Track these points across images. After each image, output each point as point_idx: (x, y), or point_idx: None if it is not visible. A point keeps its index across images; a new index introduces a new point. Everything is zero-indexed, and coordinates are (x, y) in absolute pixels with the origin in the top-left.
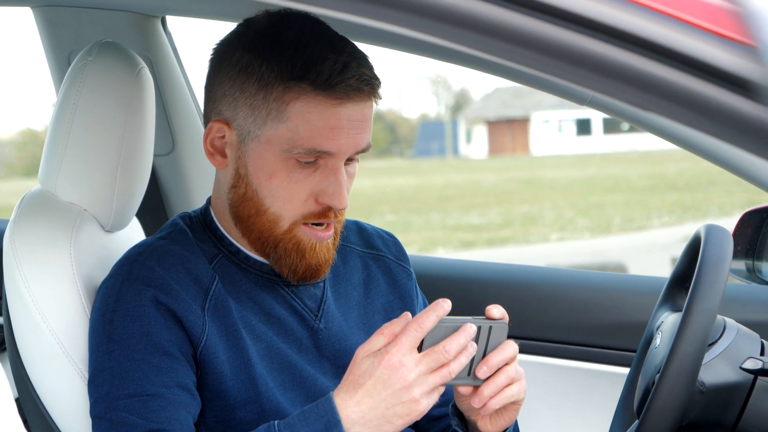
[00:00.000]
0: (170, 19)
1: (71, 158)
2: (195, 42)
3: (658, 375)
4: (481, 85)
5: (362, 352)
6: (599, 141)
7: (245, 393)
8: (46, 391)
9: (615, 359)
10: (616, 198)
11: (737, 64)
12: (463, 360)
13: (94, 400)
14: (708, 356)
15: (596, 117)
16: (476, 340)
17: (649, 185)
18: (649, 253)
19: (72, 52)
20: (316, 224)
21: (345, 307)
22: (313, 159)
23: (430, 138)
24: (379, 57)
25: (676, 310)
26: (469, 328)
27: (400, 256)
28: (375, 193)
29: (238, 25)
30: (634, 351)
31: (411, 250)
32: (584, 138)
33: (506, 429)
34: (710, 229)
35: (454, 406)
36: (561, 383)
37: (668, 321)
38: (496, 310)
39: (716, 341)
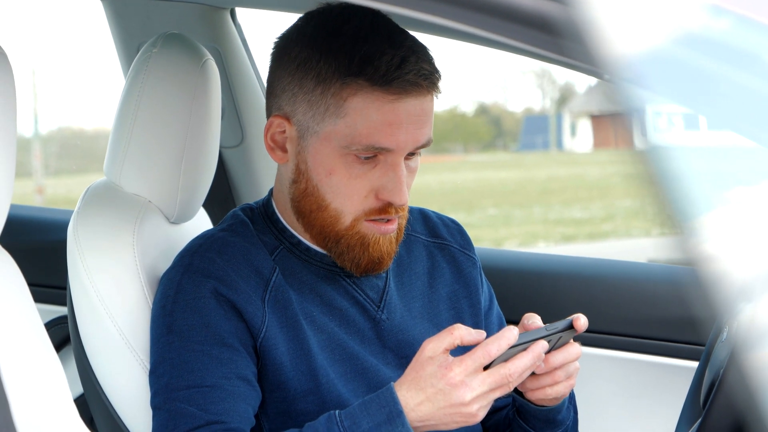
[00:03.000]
0: (239, 12)
1: (135, 150)
2: (266, 35)
3: (722, 369)
4: (586, 79)
5: (429, 348)
6: (706, 136)
7: (305, 384)
8: (109, 383)
9: (685, 353)
10: None
11: None
12: (525, 376)
13: (155, 391)
14: None
15: None
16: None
17: None
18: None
19: (141, 43)
20: (379, 219)
21: (408, 297)
22: (373, 155)
23: (535, 131)
24: (482, 50)
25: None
26: (539, 347)
27: (464, 245)
28: (478, 186)
29: (298, 19)
30: (704, 345)
31: (511, 244)
32: (691, 133)
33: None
34: None
35: None
36: (631, 377)
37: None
38: (583, 321)
39: None
